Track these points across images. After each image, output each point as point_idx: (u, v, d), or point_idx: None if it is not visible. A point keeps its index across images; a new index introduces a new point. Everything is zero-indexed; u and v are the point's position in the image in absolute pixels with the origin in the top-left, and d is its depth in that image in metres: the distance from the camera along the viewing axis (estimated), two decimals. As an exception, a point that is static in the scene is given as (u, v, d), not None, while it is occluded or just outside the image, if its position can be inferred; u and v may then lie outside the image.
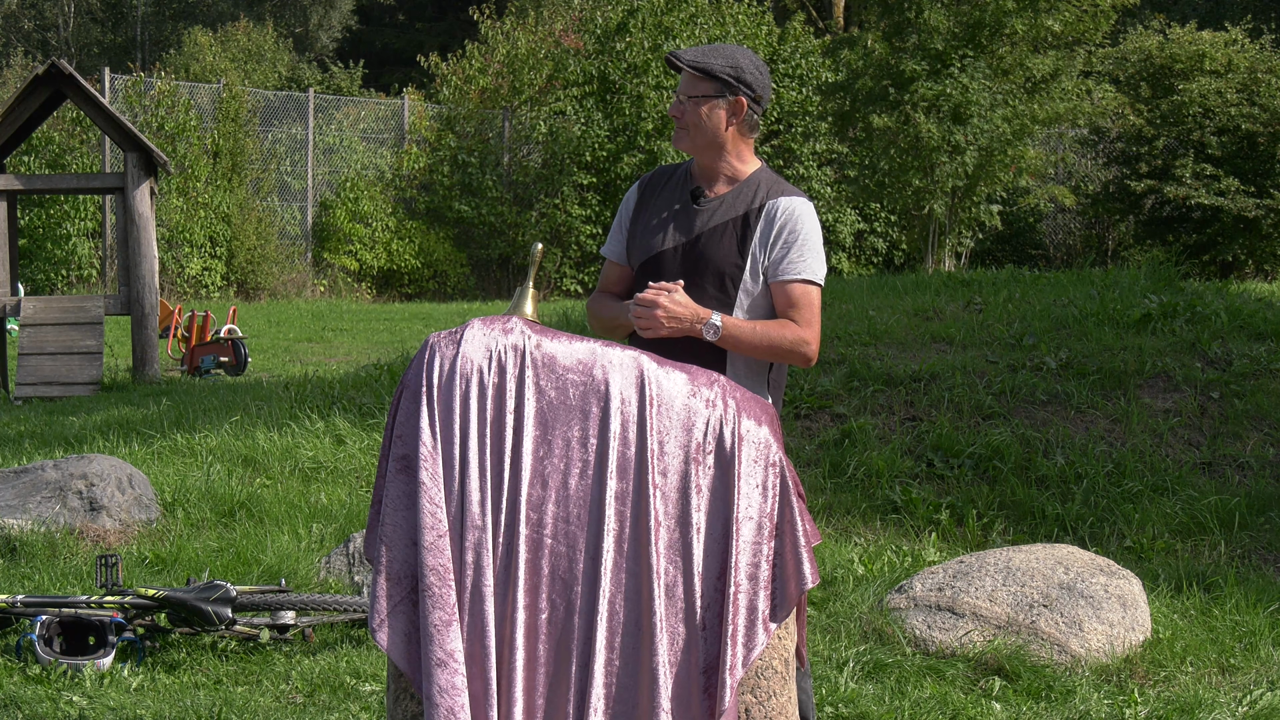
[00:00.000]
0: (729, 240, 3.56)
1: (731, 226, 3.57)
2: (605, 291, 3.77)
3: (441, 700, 2.97)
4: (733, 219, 3.58)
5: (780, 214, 3.56)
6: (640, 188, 3.75)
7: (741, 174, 3.63)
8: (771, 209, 3.57)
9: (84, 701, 4.63)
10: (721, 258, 3.55)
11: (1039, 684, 4.88)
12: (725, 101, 3.56)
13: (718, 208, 3.60)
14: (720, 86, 3.55)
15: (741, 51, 3.60)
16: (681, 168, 3.73)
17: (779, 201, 3.57)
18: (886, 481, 6.99)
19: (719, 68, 3.54)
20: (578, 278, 22.53)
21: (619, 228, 3.74)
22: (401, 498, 3.10)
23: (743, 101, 3.57)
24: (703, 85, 3.55)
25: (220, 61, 29.39)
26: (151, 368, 11.84)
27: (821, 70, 22.83)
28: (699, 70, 3.54)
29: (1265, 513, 6.71)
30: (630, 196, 3.75)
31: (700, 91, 3.55)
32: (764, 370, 3.61)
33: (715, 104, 3.56)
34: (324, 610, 5.33)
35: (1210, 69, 21.13)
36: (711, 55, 3.56)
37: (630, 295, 3.75)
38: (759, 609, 3.10)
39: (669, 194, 3.68)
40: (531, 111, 22.89)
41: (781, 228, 3.55)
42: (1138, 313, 8.88)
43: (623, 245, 3.72)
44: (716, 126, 3.57)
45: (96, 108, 12.19)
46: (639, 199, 3.72)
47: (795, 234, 3.55)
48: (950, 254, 19.43)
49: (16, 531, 6.14)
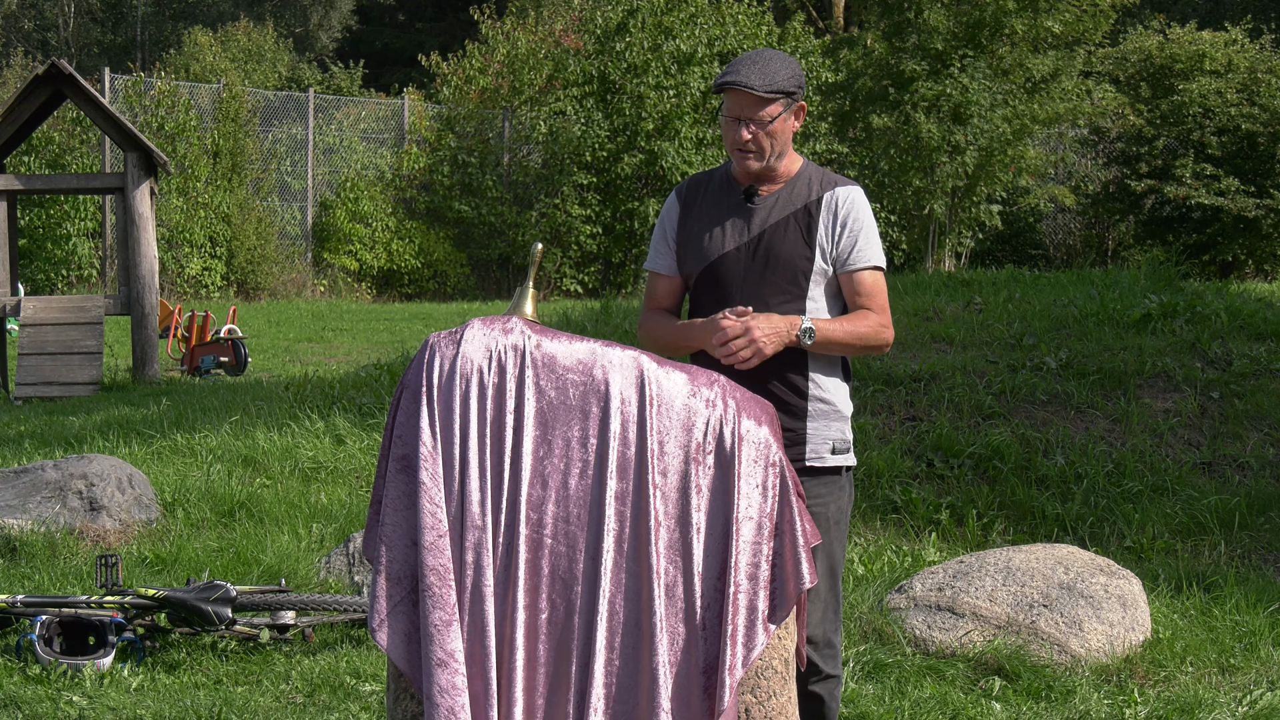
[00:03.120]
0: (794, 233, 3.55)
1: (794, 220, 3.56)
2: (657, 309, 3.71)
3: (442, 700, 2.97)
4: (793, 212, 3.57)
5: (841, 204, 3.57)
6: (680, 198, 3.70)
7: (791, 169, 3.62)
8: (831, 199, 3.57)
9: (84, 701, 4.63)
10: (790, 251, 3.54)
11: (1039, 684, 4.88)
12: (792, 110, 3.57)
13: (774, 204, 3.59)
14: (789, 99, 3.54)
15: (778, 54, 3.57)
16: (718, 172, 3.70)
17: (836, 191, 3.58)
18: (886, 481, 6.99)
19: (786, 81, 3.52)
20: (578, 278, 22.53)
21: (663, 239, 3.69)
22: (401, 498, 3.10)
23: (804, 104, 3.60)
24: (776, 106, 3.52)
25: (220, 61, 29.38)
26: (151, 368, 11.84)
27: (821, 70, 22.81)
28: (774, 94, 3.50)
29: (1265, 513, 6.71)
30: (670, 208, 3.70)
31: (775, 113, 3.52)
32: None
33: (785, 117, 3.55)
34: (324, 610, 5.33)
35: (1210, 69, 21.13)
36: (772, 72, 3.51)
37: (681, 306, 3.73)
38: (759, 609, 3.10)
39: (713, 199, 3.65)
40: (531, 111, 22.89)
41: (845, 217, 3.56)
42: (1138, 313, 8.88)
43: (671, 257, 3.68)
44: (788, 136, 3.59)
45: (96, 108, 12.19)
46: (681, 209, 3.68)
47: (859, 222, 3.57)
48: (950, 254, 19.43)
49: (16, 531, 6.14)
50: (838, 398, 3.60)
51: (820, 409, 3.57)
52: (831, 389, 3.58)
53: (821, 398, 3.56)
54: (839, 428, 3.60)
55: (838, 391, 3.60)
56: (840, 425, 3.60)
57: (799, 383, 3.54)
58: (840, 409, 3.61)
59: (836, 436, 3.59)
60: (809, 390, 3.55)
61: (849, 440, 3.64)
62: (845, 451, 3.62)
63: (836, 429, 3.59)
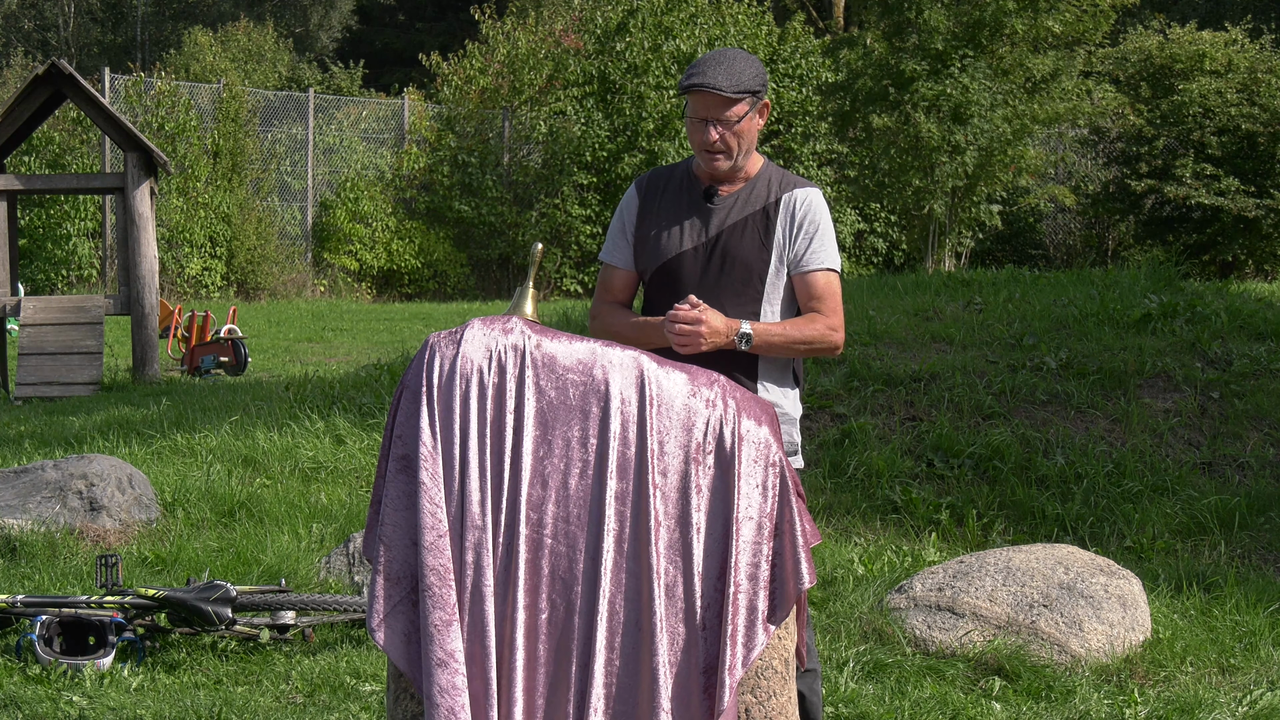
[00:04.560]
0: (752, 236, 3.57)
1: (752, 222, 3.58)
2: (610, 301, 3.73)
3: (442, 700, 2.97)
4: (752, 214, 3.58)
5: (799, 206, 3.59)
6: (640, 192, 3.71)
7: (751, 169, 3.64)
8: (789, 201, 3.59)
9: (84, 701, 4.63)
10: (746, 252, 3.56)
11: (1039, 684, 4.88)
12: (758, 108, 3.58)
13: (733, 204, 3.60)
14: (754, 98, 3.55)
15: (741, 53, 3.59)
16: (679, 168, 3.72)
17: (795, 193, 3.60)
18: (886, 481, 6.99)
19: (752, 81, 3.53)
20: (578, 278, 22.53)
21: (621, 233, 3.70)
22: (401, 498, 3.10)
23: (767, 101, 3.61)
24: (742, 105, 3.53)
25: (220, 61, 29.39)
26: (151, 368, 11.84)
27: (821, 70, 22.83)
28: (740, 94, 3.51)
29: (1265, 513, 6.71)
30: (629, 201, 3.72)
31: (742, 113, 3.54)
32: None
33: (751, 115, 3.57)
34: (324, 610, 5.33)
35: (1210, 69, 21.13)
36: (737, 72, 3.52)
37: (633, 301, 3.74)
38: (759, 609, 3.10)
39: (673, 195, 3.66)
40: (531, 111, 22.89)
41: (802, 219, 3.58)
42: (1138, 313, 8.88)
43: (628, 251, 3.69)
44: (754, 135, 3.61)
45: (96, 108, 12.19)
46: (640, 203, 3.69)
47: (815, 224, 3.59)
48: (950, 254, 19.42)
49: (16, 531, 6.14)
50: (785, 402, 3.64)
51: None
52: (779, 395, 3.63)
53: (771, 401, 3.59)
54: (787, 430, 3.63)
55: (786, 396, 3.65)
56: (788, 428, 3.64)
57: (748, 386, 3.57)
58: (789, 413, 3.65)
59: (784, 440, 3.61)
60: (757, 394, 3.57)
61: (797, 443, 3.68)
62: (794, 454, 3.67)
63: (785, 431, 3.62)
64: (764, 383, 3.60)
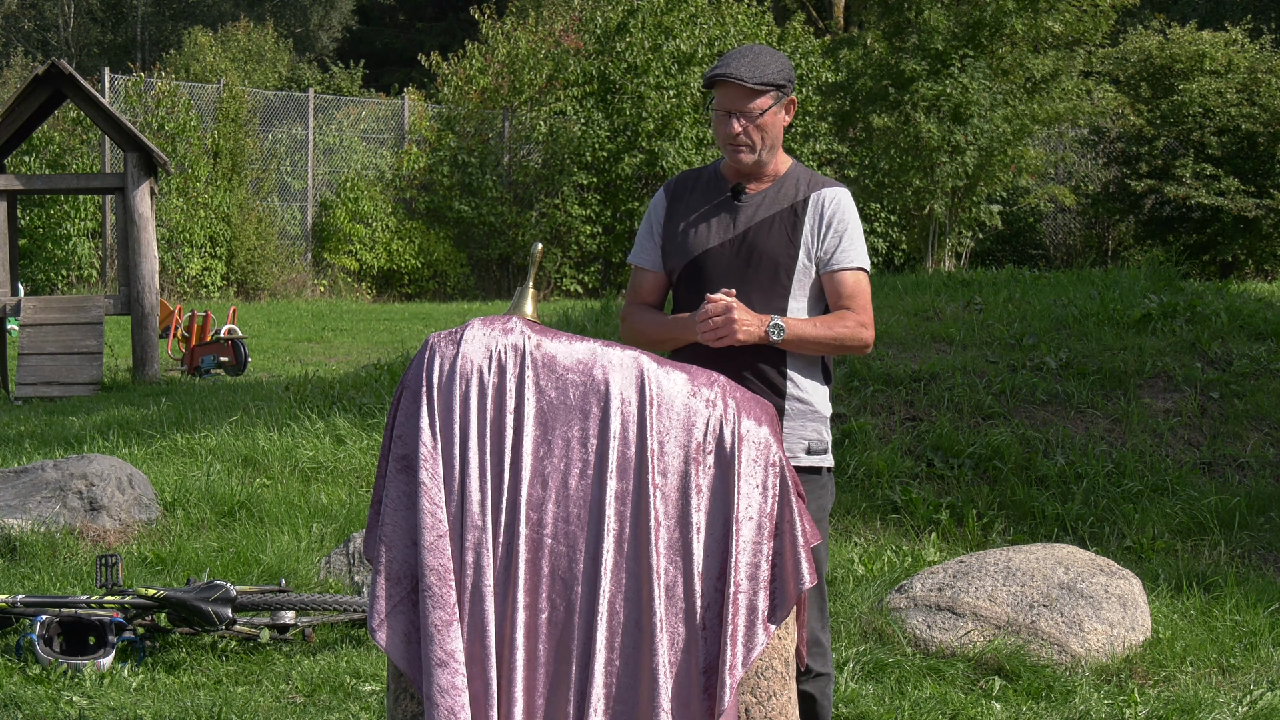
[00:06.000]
0: (779, 232, 3.58)
1: (780, 219, 3.59)
2: (640, 303, 3.73)
3: (442, 700, 2.97)
4: (780, 211, 3.59)
5: (828, 204, 3.60)
6: (668, 193, 3.73)
7: (780, 168, 3.65)
8: (818, 200, 3.60)
9: (84, 701, 4.63)
10: (774, 248, 3.57)
11: (1039, 684, 4.88)
12: (783, 103, 3.58)
13: (761, 202, 3.61)
14: (779, 92, 3.56)
15: (767, 49, 3.60)
16: (708, 170, 3.73)
17: (824, 192, 3.61)
18: (886, 481, 6.99)
19: (776, 74, 3.54)
20: (578, 278, 22.53)
21: (649, 235, 3.71)
22: (401, 498, 3.10)
23: (794, 98, 3.62)
24: (766, 99, 3.54)
25: (220, 61, 29.39)
26: (151, 368, 11.84)
27: (821, 70, 22.81)
28: (763, 85, 3.52)
29: (1265, 513, 6.71)
30: (657, 203, 3.73)
31: (765, 106, 3.54)
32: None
33: (775, 110, 3.57)
34: (324, 610, 5.33)
35: (1210, 69, 21.13)
36: (761, 65, 3.53)
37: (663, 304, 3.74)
38: (759, 609, 3.10)
39: (701, 195, 3.68)
40: (531, 111, 22.88)
41: (831, 218, 3.59)
42: (1138, 313, 8.88)
43: (656, 252, 3.70)
44: (779, 130, 3.61)
45: (96, 108, 12.19)
46: (669, 204, 3.70)
47: (844, 224, 3.60)
48: (950, 254, 19.42)
49: (16, 531, 6.14)
50: (815, 398, 3.62)
51: (797, 409, 3.59)
52: (809, 389, 3.61)
53: (799, 397, 3.59)
54: (815, 428, 3.62)
55: (815, 392, 3.63)
56: (817, 425, 3.63)
57: (777, 381, 3.56)
58: (818, 409, 3.63)
59: (813, 437, 3.61)
60: (786, 389, 3.57)
61: (826, 441, 3.66)
62: (822, 452, 3.65)
63: (813, 429, 3.61)
64: (792, 375, 3.58)
